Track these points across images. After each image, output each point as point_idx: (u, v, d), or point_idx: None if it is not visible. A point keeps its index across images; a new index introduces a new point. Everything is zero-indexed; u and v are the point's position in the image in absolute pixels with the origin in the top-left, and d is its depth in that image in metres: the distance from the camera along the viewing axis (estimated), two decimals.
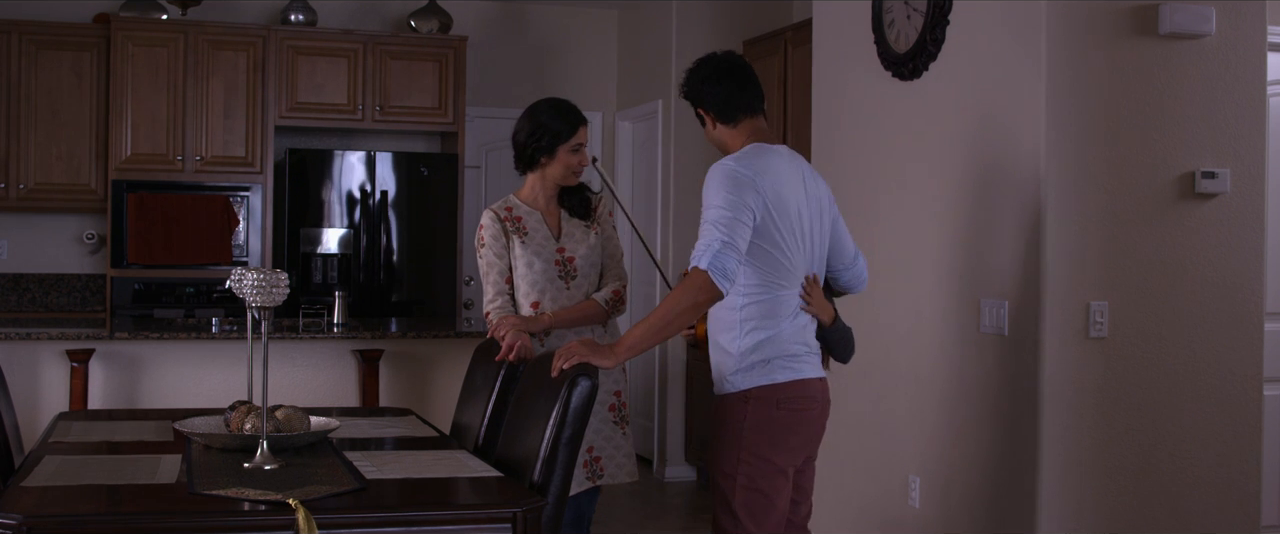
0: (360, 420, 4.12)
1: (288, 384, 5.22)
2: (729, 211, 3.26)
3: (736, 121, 3.53)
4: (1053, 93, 4.14)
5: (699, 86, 3.57)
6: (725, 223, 3.25)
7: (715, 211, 3.28)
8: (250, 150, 7.45)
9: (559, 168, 4.12)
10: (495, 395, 3.87)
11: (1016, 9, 4.28)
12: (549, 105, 4.17)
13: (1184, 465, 4.24)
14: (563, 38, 8.55)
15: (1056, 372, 4.14)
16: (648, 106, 8.05)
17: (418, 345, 5.49)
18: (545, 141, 4.09)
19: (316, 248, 7.55)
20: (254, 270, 3.11)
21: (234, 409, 3.50)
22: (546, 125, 4.09)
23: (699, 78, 3.57)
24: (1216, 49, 4.28)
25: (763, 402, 3.38)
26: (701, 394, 7.33)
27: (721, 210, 3.27)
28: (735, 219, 3.26)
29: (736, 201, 3.28)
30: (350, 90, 7.60)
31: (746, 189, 3.30)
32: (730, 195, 3.28)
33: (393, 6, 8.13)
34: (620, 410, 4.14)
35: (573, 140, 4.10)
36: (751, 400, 3.38)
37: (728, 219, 3.25)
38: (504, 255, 4.11)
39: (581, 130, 4.12)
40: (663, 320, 3.26)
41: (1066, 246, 4.15)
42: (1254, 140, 4.35)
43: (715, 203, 3.29)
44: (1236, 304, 4.32)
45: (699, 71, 3.58)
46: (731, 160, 3.38)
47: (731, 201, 3.27)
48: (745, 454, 3.38)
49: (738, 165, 3.34)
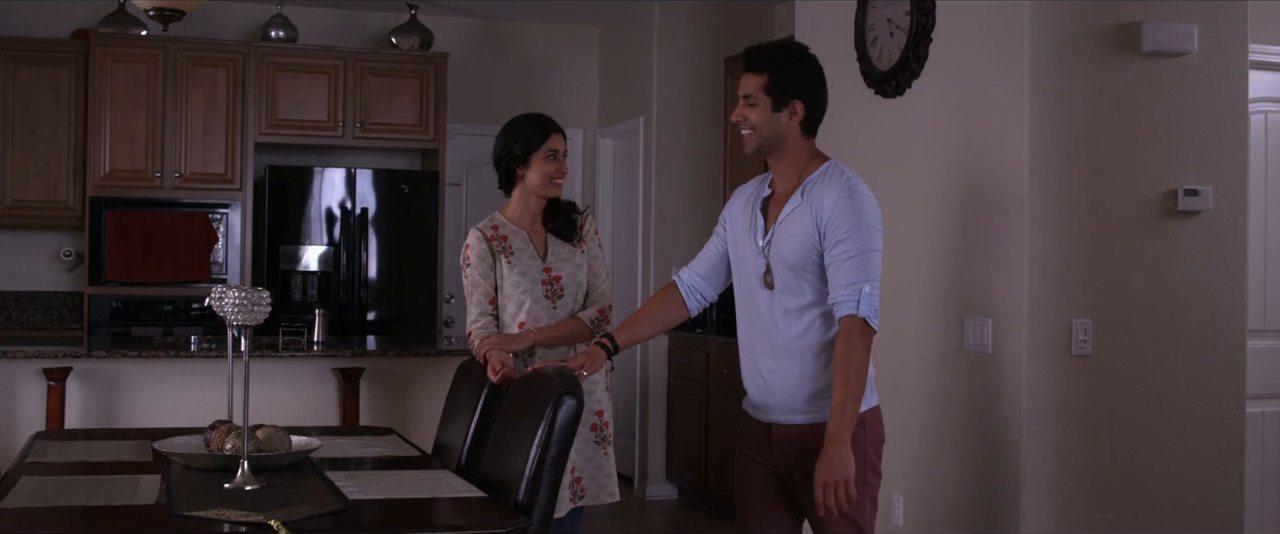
0: (341, 440, 4.09)
1: (267, 403, 5.18)
2: (877, 251, 3.28)
3: (814, 132, 3.43)
4: (1036, 110, 4.15)
5: (810, 78, 3.36)
6: (875, 264, 3.26)
7: (875, 254, 3.27)
8: (230, 167, 7.41)
9: (537, 177, 4.08)
10: (478, 414, 3.84)
11: (999, 26, 4.29)
12: (521, 117, 4.17)
13: (1167, 482, 4.24)
14: (544, 55, 8.54)
15: (1040, 389, 4.13)
16: (629, 124, 8.04)
17: (398, 363, 5.46)
18: (518, 151, 4.07)
19: (296, 265, 7.51)
20: (235, 288, 3.07)
21: (214, 428, 3.47)
22: (518, 135, 4.08)
23: (810, 69, 3.37)
24: (1198, 67, 4.29)
25: (874, 424, 3.39)
26: (683, 412, 7.32)
27: (876, 251, 3.28)
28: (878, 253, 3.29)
29: (879, 235, 3.31)
30: (331, 107, 7.57)
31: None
32: (878, 230, 3.29)
33: (374, 23, 8.11)
34: (602, 431, 4.11)
35: (546, 146, 4.07)
36: (867, 424, 3.35)
37: (876, 259, 3.27)
38: (489, 275, 4.08)
39: (554, 137, 4.09)
40: (859, 382, 3.23)
41: (1050, 264, 4.15)
42: (1236, 157, 4.36)
43: (876, 244, 3.28)
44: (1219, 321, 4.33)
45: (811, 62, 3.37)
46: (866, 187, 3.33)
47: (878, 237, 3.29)
48: (871, 475, 3.35)
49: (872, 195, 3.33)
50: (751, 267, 3.42)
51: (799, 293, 3.33)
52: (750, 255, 3.42)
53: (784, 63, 3.33)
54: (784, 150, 3.37)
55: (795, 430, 3.34)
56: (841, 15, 5.19)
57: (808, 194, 3.33)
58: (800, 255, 3.31)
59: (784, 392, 3.36)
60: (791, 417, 3.36)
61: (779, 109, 3.33)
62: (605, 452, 4.12)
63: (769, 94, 3.32)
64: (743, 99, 3.35)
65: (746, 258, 3.44)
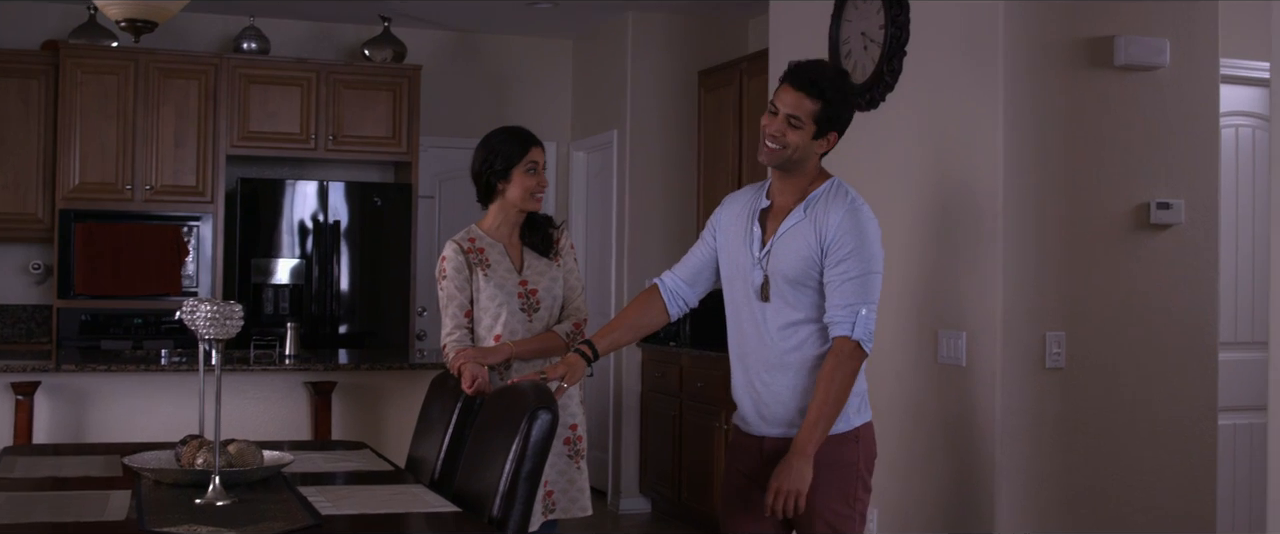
0: (314, 454, 4.06)
1: (238, 417, 5.13)
2: (878, 273, 3.29)
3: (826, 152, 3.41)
4: (1010, 124, 4.16)
5: (850, 113, 3.37)
6: (875, 287, 3.27)
7: (876, 277, 3.28)
8: (201, 179, 7.37)
9: (517, 191, 4.05)
10: (452, 428, 3.82)
11: (973, 40, 4.30)
12: (500, 130, 4.15)
13: (1140, 495, 4.26)
14: (517, 68, 8.53)
15: (1014, 402, 4.14)
16: (603, 136, 8.04)
17: (371, 377, 5.43)
18: (498, 165, 4.04)
19: (268, 278, 7.47)
20: (207, 302, 3.05)
21: (185, 443, 3.43)
22: (498, 149, 4.05)
23: (853, 103, 3.38)
24: (1171, 81, 4.32)
25: (866, 439, 3.39)
26: (656, 426, 7.30)
27: (877, 274, 3.29)
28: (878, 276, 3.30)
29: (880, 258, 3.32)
30: (303, 119, 7.54)
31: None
32: (879, 254, 3.30)
33: (346, 35, 8.09)
34: (576, 445, 4.08)
35: (526, 160, 4.03)
36: (861, 439, 3.37)
37: (876, 282, 3.28)
38: (465, 288, 4.06)
39: (534, 150, 4.06)
40: (838, 403, 3.25)
41: (1024, 277, 4.16)
42: (1207, 171, 4.39)
43: (877, 267, 3.29)
44: (1191, 334, 4.35)
45: (849, 87, 3.39)
46: (869, 209, 3.33)
47: (879, 260, 3.30)
48: (861, 490, 3.36)
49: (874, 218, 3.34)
50: (747, 278, 3.39)
51: (796, 307, 3.32)
52: (746, 266, 3.40)
53: (840, 96, 3.33)
54: (800, 170, 3.36)
55: (785, 444, 3.31)
56: (815, 29, 5.20)
57: (811, 210, 3.33)
58: (800, 270, 3.30)
59: (777, 405, 3.35)
60: (785, 430, 3.34)
61: (818, 137, 3.32)
62: (578, 466, 4.09)
63: (816, 122, 3.29)
64: (788, 118, 3.29)
65: (742, 269, 3.41)
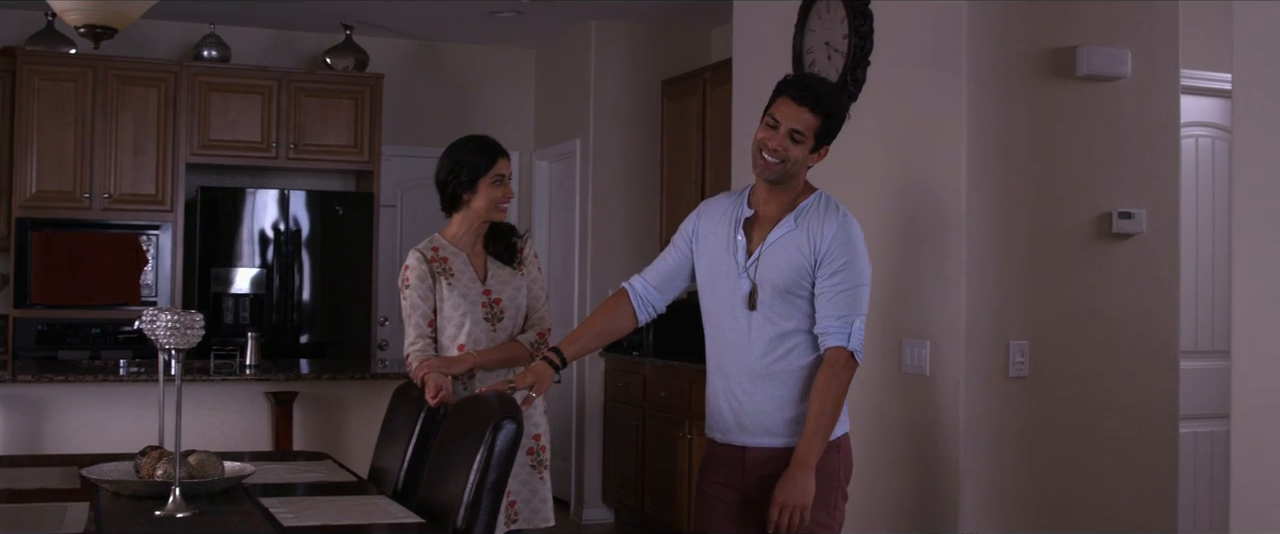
0: (275, 465, 4.02)
1: (198, 428, 5.07)
2: (868, 286, 3.36)
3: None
4: (973, 133, 4.17)
5: (844, 118, 3.41)
6: (866, 298, 3.35)
7: (866, 290, 3.35)
8: (160, 188, 7.30)
9: (483, 202, 4.04)
10: (415, 439, 3.79)
11: (937, 50, 4.31)
12: (467, 140, 4.13)
13: (1103, 503, 4.27)
14: (480, 76, 8.50)
15: (978, 411, 4.15)
16: (565, 145, 8.02)
17: (333, 387, 5.39)
18: (465, 176, 4.02)
19: (228, 288, 7.41)
20: (168, 311, 3.02)
21: (145, 454, 3.40)
22: (465, 160, 4.03)
23: (847, 108, 3.43)
24: (1132, 91, 4.35)
25: (846, 449, 3.43)
26: (619, 436, 7.28)
27: (867, 287, 3.35)
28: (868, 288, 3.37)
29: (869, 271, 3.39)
30: (264, 127, 7.48)
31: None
32: (869, 266, 3.38)
33: (308, 43, 8.04)
34: (539, 455, 4.06)
35: (493, 172, 4.02)
36: (841, 449, 3.40)
37: (866, 293, 3.35)
38: (428, 297, 4.03)
39: (501, 162, 4.05)
40: (835, 414, 3.30)
41: (987, 286, 4.17)
42: (1168, 181, 4.42)
43: (867, 280, 3.36)
44: (1152, 343, 4.37)
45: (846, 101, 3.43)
46: (856, 220, 3.39)
47: (869, 272, 3.37)
48: (841, 499, 3.40)
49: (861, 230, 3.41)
50: (731, 287, 3.38)
51: (784, 317, 3.33)
52: (730, 274, 3.39)
53: (840, 111, 3.38)
54: (792, 182, 3.38)
55: (770, 453, 3.33)
56: (779, 39, 5.20)
57: (803, 221, 3.35)
58: (791, 279, 3.32)
59: (759, 414, 3.35)
60: (769, 440, 3.35)
61: (815, 150, 3.35)
62: (541, 476, 4.07)
63: (816, 137, 3.33)
64: (791, 133, 3.31)
65: (725, 277, 3.41)
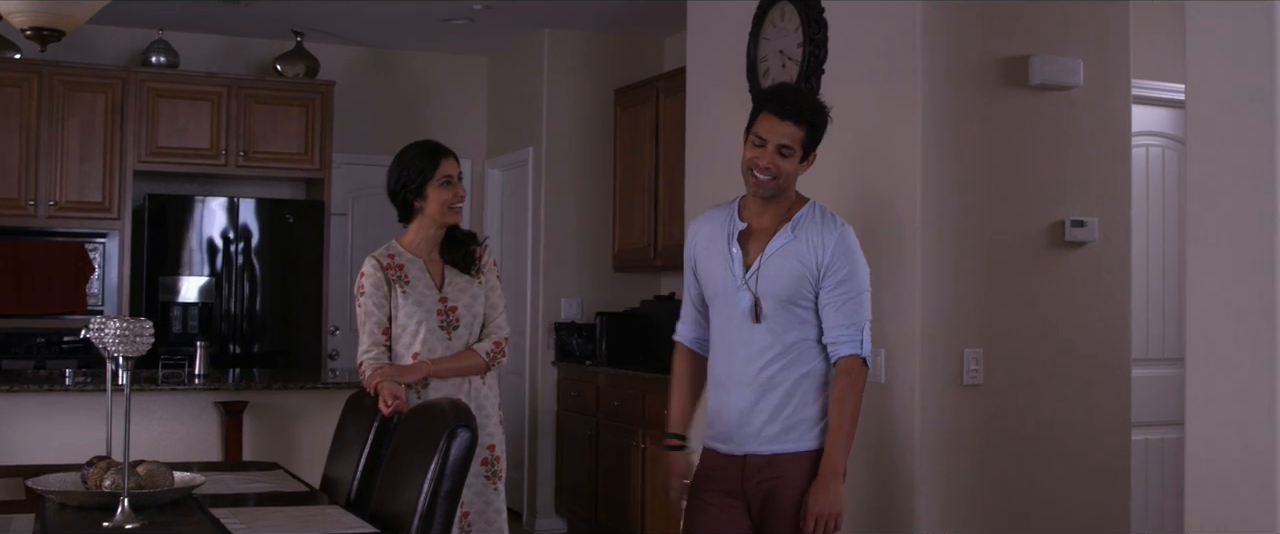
0: (225, 476, 3.96)
1: (146, 438, 5.00)
2: (869, 292, 3.41)
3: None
4: (928, 141, 4.18)
5: (827, 124, 3.45)
6: (869, 304, 3.41)
7: (869, 296, 3.41)
8: (107, 195, 7.20)
9: (435, 206, 4.00)
10: (368, 448, 3.75)
11: (891, 58, 4.32)
12: (410, 147, 4.08)
13: (1057, 509, 4.29)
14: (432, 84, 8.46)
15: (932, 419, 4.15)
16: (518, 154, 7.99)
17: (283, 397, 5.33)
18: (413, 183, 3.99)
19: (176, 297, 7.32)
20: (116, 319, 2.97)
21: (92, 465, 3.34)
22: (410, 165, 4.00)
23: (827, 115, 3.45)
24: (1084, 100, 4.38)
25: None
26: (572, 445, 7.25)
27: (868, 292, 3.41)
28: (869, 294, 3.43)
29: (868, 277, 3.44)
30: (213, 134, 7.40)
31: None
32: (867, 272, 3.43)
33: (258, 50, 7.96)
34: (493, 465, 4.03)
35: (438, 174, 3.98)
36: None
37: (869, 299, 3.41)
38: (383, 305, 3.99)
39: (445, 162, 4.01)
40: (856, 419, 3.36)
41: (941, 294, 4.18)
42: (1120, 189, 4.46)
43: (868, 286, 3.42)
44: (1104, 350, 4.40)
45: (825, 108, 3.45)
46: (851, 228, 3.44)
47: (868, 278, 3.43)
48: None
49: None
50: (732, 300, 3.42)
51: (788, 327, 3.37)
52: (731, 288, 3.43)
53: (822, 119, 3.42)
54: (786, 195, 3.42)
55: (769, 460, 3.37)
56: (733, 47, 5.20)
57: (800, 231, 3.39)
58: (793, 290, 3.36)
59: (763, 423, 3.38)
60: (768, 446, 3.38)
61: (803, 160, 3.40)
62: (495, 487, 4.03)
63: (804, 147, 3.37)
64: (778, 149, 3.34)
65: (725, 291, 3.44)
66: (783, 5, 4.89)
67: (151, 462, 3.33)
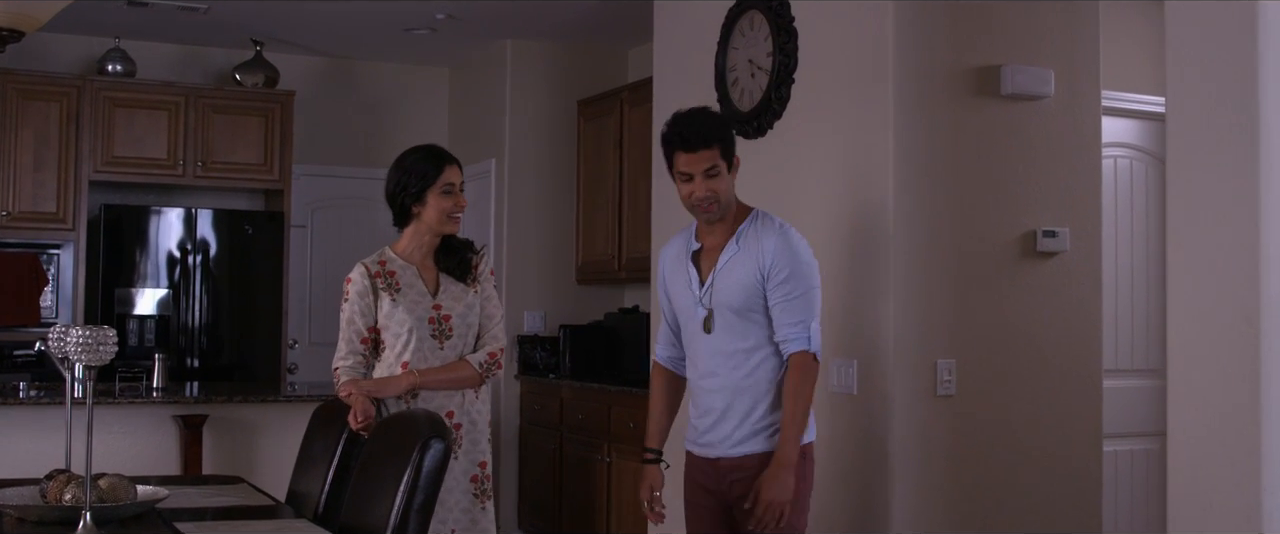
0: (188, 489, 3.87)
1: (103, 452, 4.85)
2: (817, 289, 3.51)
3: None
4: (900, 151, 4.16)
5: (731, 126, 3.61)
6: (817, 301, 3.51)
7: (816, 292, 3.51)
8: (62, 206, 7.08)
9: (433, 213, 3.88)
10: (337, 461, 3.67)
11: (863, 67, 4.30)
12: (414, 150, 3.97)
13: (1030, 520, 4.27)
14: (393, 95, 8.38)
15: (906, 430, 4.13)
16: (481, 165, 7.92)
17: (244, 410, 5.24)
18: (413, 187, 3.87)
19: (132, 309, 7.20)
20: (78, 327, 2.89)
21: (51, 478, 3.25)
22: (412, 169, 3.88)
23: (726, 119, 3.63)
24: (1055, 111, 4.37)
25: (809, 458, 3.58)
26: (536, 459, 7.18)
27: (816, 289, 3.51)
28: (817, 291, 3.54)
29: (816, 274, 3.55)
30: (170, 144, 7.29)
31: None
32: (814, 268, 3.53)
33: (217, 59, 7.86)
34: (483, 483, 3.86)
35: (441, 181, 3.88)
36: (806, 457, 3.56)
37: (817, 296, 3.52)
38: (368, 313, 3.86)
39: (449, 170, 3.91)
40: (807, 412, 3.49)
41: (915, 304, 4.15)
42: (1090, 199, 4.45)
43: (816, 282, 3.52)
44: (1076, 361, 4.39)
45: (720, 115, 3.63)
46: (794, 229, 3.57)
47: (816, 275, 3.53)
48: (806, 503, 3.57)
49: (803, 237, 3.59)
50: (694, 315, 3.60)
51: (743, 336, 3.52)
52: (691, 305, 3.61)
53: (725, 129, 3.58)
54: (731, 211, 3.58)
55: (739, 461, 3.54)
56: (701, 57, 5.17)
57: (742, 241, 3.55)
58: (744, 299, 3.51)
59: (732, 428, 3.55)
60: (737, 449, 3.55)
61: (731, 169, 3.55)
62: (484, 506, 3.86)
63: (725, 159, 3.52)
64: (704, 174, 3.48)
65: (688, 308, 3.63)
66: (752, 14, 4.86)
67: (113, 475, 3.24)
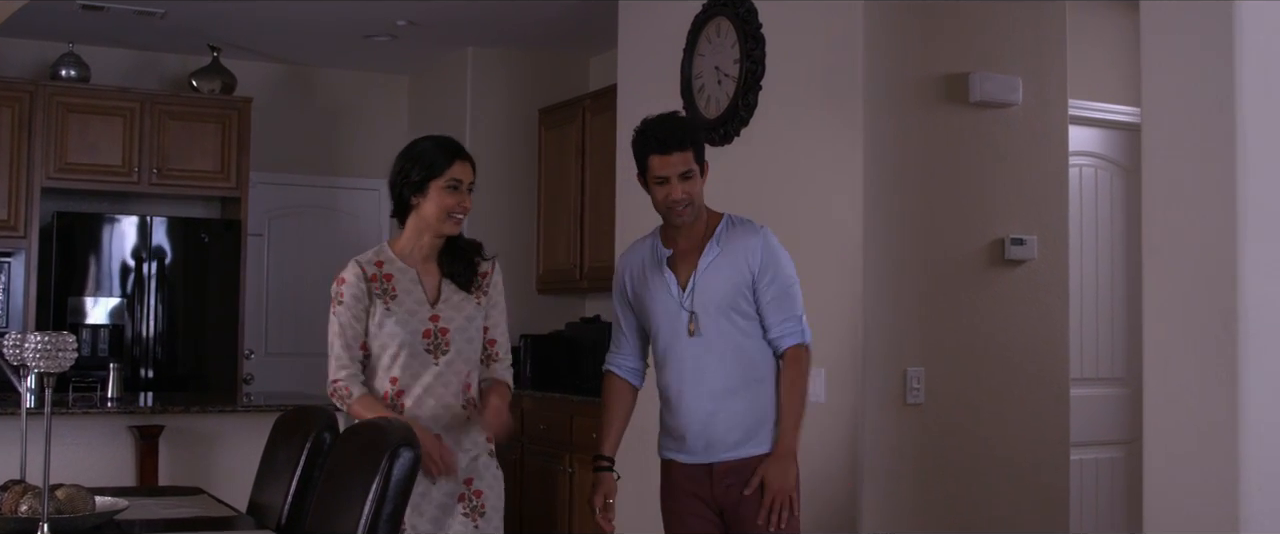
0: (147, 501, 3.79)
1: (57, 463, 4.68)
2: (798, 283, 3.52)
3: None
4: (868, 158, 4.15)
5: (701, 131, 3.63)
6: (800, 295, 3.51)
7: (796, 286, 3.51)
8: (13, 213, 6.95)
9: (433, 208, 3.51)
10: (300, 471, 3.59)
11: (831, 74, 4.29)
12: (427, 138, 3.62)
13: (997, 528, 4.26)
14: (352, 102, 8.29)
15: (875, 439, 4.11)
16: None
17: (200, 421, 5.15)
18: (415, 176, 3.49)
19: (85, 318, 7.07)
20: (37, 333, 2.81)
21: (7, 489, 3.16)
22: (419, 157, 3.52)
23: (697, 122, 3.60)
24: (1023, 118, 4.37)
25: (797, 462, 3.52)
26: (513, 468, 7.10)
27: (797, 284, 3.51)
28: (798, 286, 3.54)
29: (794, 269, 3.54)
30: (125, 151, 7.18)
31: None
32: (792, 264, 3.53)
33: (172, 65, 7.75)
34: (472, 501, 3.56)
35: (448, 174, 3.49)
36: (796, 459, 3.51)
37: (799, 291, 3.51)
38: (362, 319, 3.52)
39: (459, 165, 3.51)
40: (803, 402, 3.47)
41: (883, 312, 4.14)
42: (1057, 207, 4.46)
43: (795, 278, 3.51)
44: (1043, 369, 4.39)
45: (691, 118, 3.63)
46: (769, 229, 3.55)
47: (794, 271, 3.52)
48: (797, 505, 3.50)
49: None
50: (675, 320, 3.52)
51: (732, 336, 3.47)
52: (673, 310, 3.53)
53: (698, 132, 3.57)
54: (702, 213, 3.54)
55: (735, 464, 3.46)
56: (666, 64, 5.14)
57: (724, 243, 3.51)
58: (731, 298, 3.46)
59: (724, 431, 3.47)
60: (732, 453, 3.47)
61: (702, 174, 3.52)
62: (476, 524, 3.56)
63: (698, 163, 3.49)
64: (679, 178, 3.44)
65: (667, 313, 3.54)
66: (719, 21, 4.84)
67: (71, 486, 3.17)
